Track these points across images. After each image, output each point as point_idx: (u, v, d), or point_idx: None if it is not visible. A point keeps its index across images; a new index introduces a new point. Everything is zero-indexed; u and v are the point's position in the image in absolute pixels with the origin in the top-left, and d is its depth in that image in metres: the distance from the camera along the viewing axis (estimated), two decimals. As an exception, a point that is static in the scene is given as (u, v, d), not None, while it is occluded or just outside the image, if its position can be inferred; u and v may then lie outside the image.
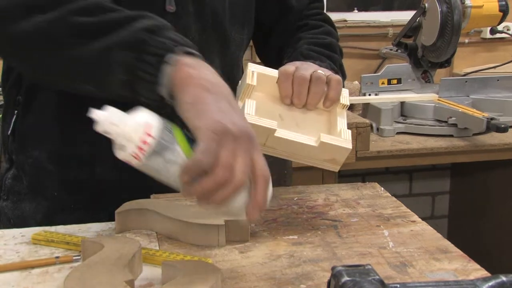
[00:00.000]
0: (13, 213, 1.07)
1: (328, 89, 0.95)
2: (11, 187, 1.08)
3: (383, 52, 2.50)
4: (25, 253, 0.85)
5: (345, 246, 0.87)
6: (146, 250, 0.83)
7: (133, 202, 0.95)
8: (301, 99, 0.94)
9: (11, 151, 1.08)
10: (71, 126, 1.03)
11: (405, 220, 0.97)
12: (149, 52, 0.76)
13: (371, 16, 2.68)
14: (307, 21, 1.18)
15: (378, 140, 1.92)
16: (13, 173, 1.08)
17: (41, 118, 1.04)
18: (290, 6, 1.18)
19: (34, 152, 1.05)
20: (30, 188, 1.07)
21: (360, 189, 1.11)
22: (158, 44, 0.77)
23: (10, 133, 1.06)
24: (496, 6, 2.09)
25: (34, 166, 1.05)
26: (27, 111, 1.04)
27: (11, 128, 1.06)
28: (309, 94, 0.94)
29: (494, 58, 2.66)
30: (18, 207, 1.07)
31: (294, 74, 0.94)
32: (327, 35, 1.14)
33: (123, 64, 0.78)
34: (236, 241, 0.88)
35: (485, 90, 2.15)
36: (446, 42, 2.03)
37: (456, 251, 0.86)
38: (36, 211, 1.06)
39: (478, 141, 1.91)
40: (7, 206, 1.08)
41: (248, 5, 1.13)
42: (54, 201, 1.05)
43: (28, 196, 1.07)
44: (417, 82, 2.19)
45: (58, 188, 1.05)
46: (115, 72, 0.78)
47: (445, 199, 2.81)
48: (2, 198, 1.09)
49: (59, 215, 1.02)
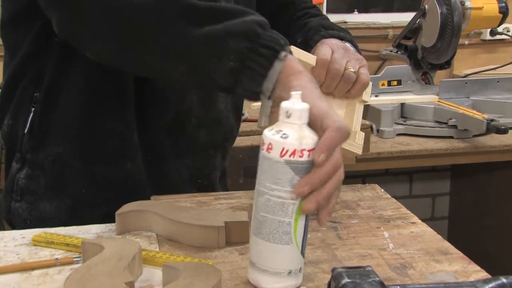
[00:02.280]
0: (31, 214, 1.04)
1: (353, 85, 1.00)
2: (26, 187, 1.05)
3: (383, 53, 2.50)
4: (25, 255, 0.85)
5: (345, 248, 0.87)
6: (146, 252, 0.83)
7: (133, 203, 0.95)
8: (329, 89, 1.00)
9: (26, 150, 1.04)
10: (99, 120, 1.02)
11: (405, 221, 0.97)
12: (263, 45, 0.79)
13: (371, 17, 2.68)
14: (306, 11, 1.22)
15: (378, 142, 1.92)
16: (27, 172, 1.05)
17: (67, 114, 1.01)
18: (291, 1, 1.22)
19: (57, 149, 1.02)
20: (49, 187, 1.04)
21: (360, 191, 1.11)
22: (270, 39, 0.80)
23: (27, 131, 1.03)
24: (496, 8, 2.09)
25: (57, 164, 1.03)
26: (48, 106, 1.01)
27: (28, 126, 1.02)
28: (336, 88, 1.00)
29: (494, 59, 2.66)
30: (36, 207, 1.04)
31: (329, 65, 0.98)
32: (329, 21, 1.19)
33: (237, 52, 0.79)
34: (236, 243, 0.88)
35: (485, 92, 2.15)
36: (446, 43, 2.03)
37: (456, 252, 0.86)
38: (59, 210, 1.03)
39: (478, 142, 1.91)
40: (21, 207, 1.05)
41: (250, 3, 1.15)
42: (81, 198, 1.04)
43: (47, 195, 1.04)
44: (417, 83, 2.19)
45: (85, 185, 1.04)
46: (225, 59, 0.79)
47: (445, 201, 2.81)
48: (15, 199, 1.06)
49: (86, 211, 1.01)
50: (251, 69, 0.79)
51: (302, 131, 0.72)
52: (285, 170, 0.71)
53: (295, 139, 0.71)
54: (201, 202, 1.04)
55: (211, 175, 1.16)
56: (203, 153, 1.12)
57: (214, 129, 1.12)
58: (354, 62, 1.00)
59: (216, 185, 1.18)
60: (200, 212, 0.92)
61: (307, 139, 0.71)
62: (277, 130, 0.72)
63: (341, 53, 1.00)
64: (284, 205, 0.72)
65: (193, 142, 1.09)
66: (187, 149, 1.09)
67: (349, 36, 1.10)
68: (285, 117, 0.72)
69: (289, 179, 0.71)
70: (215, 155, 1.15)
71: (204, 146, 1.11)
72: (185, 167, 1.10)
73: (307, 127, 0.73)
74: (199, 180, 1.13)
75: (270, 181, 0.72)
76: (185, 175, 1.10)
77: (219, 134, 1.13)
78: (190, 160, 1.10)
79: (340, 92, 1.01)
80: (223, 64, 0.79)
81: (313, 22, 1.15)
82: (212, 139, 1.12)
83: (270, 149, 0.71)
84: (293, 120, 0.72)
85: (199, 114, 1.08)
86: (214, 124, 1.12)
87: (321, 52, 1.00)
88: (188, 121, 1.08)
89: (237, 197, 1.07)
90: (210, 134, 1.11)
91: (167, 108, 1.05)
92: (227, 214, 0.92)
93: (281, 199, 0.72)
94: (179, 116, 1.06)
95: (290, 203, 0.72)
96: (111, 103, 1.02)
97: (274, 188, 0.72)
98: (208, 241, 0.87)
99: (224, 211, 0.94)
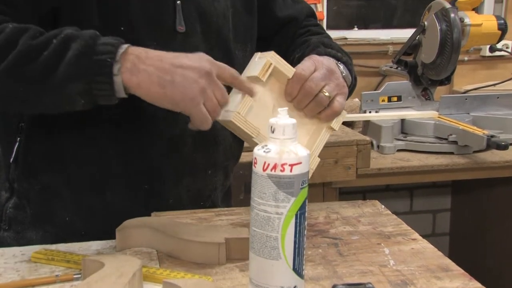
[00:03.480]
0: (18, 243, 1.04)
1: (324, 109, 0.98)
2: (14, 216, 1.06)
3: (383, 69, 2.51)
4: (25, 272, 0.85)
5: (346, 264, 0.87)
6: (146, 268, 0.83)
7: (133, 220, 0.95)
8: (299, 106, 0.98)
9: (13, 180, 1.06)
10: (81, 149, 1.02)
11: (406, 238, 0.97)
12: (96, 73, 0.85)
13: (371, 33, 2.70)
14: (308, 28, 1.21)
15: (378, 157, 1.92)
16: (15, 202, 1.06)
17: (51, 143, 1.02)
18: (291, 18, 1.22)
19: (43, 178, 1.03)
20: (34, 217, 1.05)
21: (361, 207, 1.11)
22: (99, 63, 0.85)
23: (12, 161, 1.04)
24: (495, 25, 2.10)
25: (43, 193, 1.04)
26: (31, 137, 1.03)
27: (14, 155, 1.04)
28: (307, 106, 0.98)
29: (494, 75, 2.67)
30: (22, 236, 1.05)
31: (306, 82, 0.96)
32: (331, 40, 1.17)
33: (80, 93, 0.87)
34: (236, 259, 0.88)
35: (485, 108, 2.15)
36: (445, 59, 2.04)
37: (457, 269, 0.86)
38: (44, 239, 1.04)
39: (478, 158, 1.91)
40: (10, 236, 1.07)
41: (251, 23, 1.15)
42: (65, 227, 1.04)
43: (33, 225, 1.05)
44: (417, 99, 2.19)
45: (71, 213, 1.04)
46: (76, 101, 0.88)
47: (446, 217, 2.80)
48: (3, 228, 1.07)
49: (70, 240, 1.00)
50: (100, 95, 0.87)
51: (285, 146, 0.73)
52: (268, 184, 0.72)
53: (276, 153, 0.72)
54: (201, 218, 1.04)
55: (213, 196, 1.14)
56: (202, 174, 1.10)
57: (211, 149, 1.10)
58: (333, 87, 0.97)
59: (218, 205, 1.16)
60: (201, 229, 0.92)
61: (289, 153, 0.72)
62: (263, 145, 0.74)
63: (322, 73, 0.97)
64: (270, 220, 0.73)
65: (191, 163, 1.08)
66: (185, 171, 1.07)
67: (347, 59, 1.07)
68: (270, 132, 0.74)
69: (273, 193, 0.72)
70: (215, 175, 1.13)
71: (202, 167, 1.10)
72: (185, 189, 1.08)
73: (293, 142, 0.74)
74: (201, 202, 1.11)
75: (257, 195, 0.73)
76: (185, 198, 1.09)
77: (217, 153, 1.11)
78: (189, 181, 1.08)
79: (310, 112, 0.99)
80: (77, 103, 0.88)
81: (314, 39, 1.14)
82: (210, 159, 1.10)
83: (256, 164, 0.73)
84: (276, 135, 0.73)
85: (195, 135, 1.06)
86: (212, 144, 1.10)
87: (302, 66, 0.97)
88: (183, 143, 1.06)
89: (237, 213, 1.07)
90: (208, 154, 1.10)
91: (160, 133, 1.03)
92: (227, 230, 0.92)
93: (267, 213, 0.73)
94: (173, 139, 1.05)
95: (275, 218, 0.73)
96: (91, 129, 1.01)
97: (260, 203, 0.73)
98: (209, 257, 0.87)
99: (224, 228, 0.94)
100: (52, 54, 0.86)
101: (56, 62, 0.85)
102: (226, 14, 1.09)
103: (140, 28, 0.98)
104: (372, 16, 2.81)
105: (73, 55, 0.85)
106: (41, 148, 1.03)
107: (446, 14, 2.02)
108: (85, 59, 0.85)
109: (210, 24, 1.06)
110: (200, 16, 1.05)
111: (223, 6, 1.08)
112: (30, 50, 0.86)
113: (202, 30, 1.05)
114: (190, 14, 1.03)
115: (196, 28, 1.04)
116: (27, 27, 0.88)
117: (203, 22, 1.05)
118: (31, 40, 0.86)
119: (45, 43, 0.86)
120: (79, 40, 0.86)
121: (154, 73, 0.86)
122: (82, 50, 0.85)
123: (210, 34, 1.06)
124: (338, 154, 1.76)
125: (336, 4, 2.70)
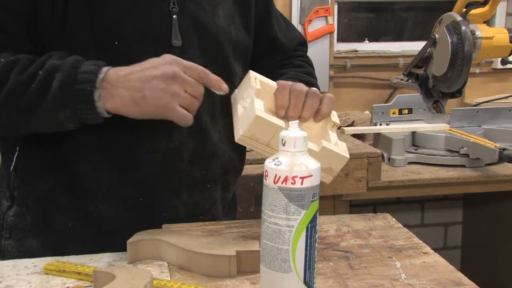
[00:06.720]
0: (19, 251, 1.06)
1: (321, 104, 1.00)
2: (14, 224, 1.07)
3: (394, 82, 2.51)
4: (37, 284, 0.86)
5: (357, 278, 0.87)
6: (157, 281, 0.83)
7: (144, 232, 0.95)
8: (296, 111, 0.98)
9: (13, 188, 1.07)
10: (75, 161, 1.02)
11: (417, 251, 0.96)
12: (78, 102, 0.91)
13: (382, 46, 2.70)
14: (291, 60, 1.22)
15: (389, 170, 1.91)
16: (15, 210, 1.07)
17: (46, 152, 1.03)
18: (280, 44, 1.22)
19: (41, 185, 1.04)
20: (34, 224, 1.06)
21: (372, 220, 1.10)
22: (80, 93, 0.91)
23: (12, 169, 1.05)
24: (507, 37, 2.10)
25: (41, 200, 1.04)
26: (29, 145, 1.04)
27: (13, 164, 1.05)
28: (304, 107, 0.99)
29: (506, 88, 2.66)
30: (23, 244, 1.06)
31: (291, 87, 0.99)
32: (308, 75, 1.19)
33: (68, 119, 0.93)
34: (247, 272, 0.88)
35: (497, 120, 2.15)
36: (457, 72, 2.04)
37: (469, 283, 0.85)
38: (45, 246, 1.05)
39: (490, 171, 1.90)
40: (11, 244, 1.07)
41: (248, 41, 1.16)
42: (66, 233, 1.05)
43: (33, 233, 1.06)
44: (428, 112, 2.19)
45: (70, 220, 1.05)
46: (65, 125, 0.95)
47: (458, 230, 2.78)
48: (4, 236, 1.08)
49: (71, 246, 1.01)
50: (86, 119, 0.94)
51: (296, 159, 0.73)
52: (279, 197, 0.72)
53: (287, 165, 0.72)
54: (212, 230, 1.04)
55: (213, 209, 1.13)
56: (199, 188, 1.09)
57: (209, 162, 1.09)
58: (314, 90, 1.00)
59: (220, 218, 1.15)
60: (211, 241, 0.92)
61: (300, 166, 0.72)
62: (274, 158, 0.74)
63: (300, 83, 1.01)
64: (281, 232, 0.73)
65: (188, 178, 1.07)
66: (182, 185, 1.07)
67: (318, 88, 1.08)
68: (281, 145, 0.74)
69: (284, 206, 0.72)
70: (214, 188, 1.12)
71: (200, 181, 1.09)
72: (182, 203, 1.07)
73: (304, 155, 0.74)
74: (200, 216, 1.11)
75: (268, 208, 0.74)
76: (183, 211, 1.08)
77: (215, 167, 1.10)
78: (186, 195, 1.08)
79: (309, 111, 0.98)
80: (67, 127, 0.95)
81: (290, 73, 1.15)
82: (208, 173, 1.09)
83: (267, 176, 0.73)
84: (287, 148, 0.74)
85: (191, 149, 1.06)
86: (209, 158, 1.09)
87: (281, 80, 1.01)
88: (180, 158, 1.05)
89: (248, 226, 1.07)
90: (206, 168, 1.09)
91: (154, 146, 1.03)
92: (238, 243, 0.92)
93: (278, 226, 0.73)
94: (169, 154, 1.04)
95: (286, 230, 0.73)
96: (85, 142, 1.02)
97: (271, 215, 0.73)
98: (219, 270, 0.87)
99: (235, 240, 0.94)
100: (39, 86, 0.92)
101: (43, 94, 0.92)
102: (227, 29, 1.09)
103: (135, 43, 0.98)
104: (382, 29, 2.82)
105: (56, 86, 0.91)
106: (38, 156, 1.04)
107: (457, 27, 2.02)
108: (68, 89, 0.91)
109: (209, 39, 1.06)
110: (197, 31, 1.04)
111: (223, 22, 1.08)
112: (20, 84, 0.92)
113: (200, 45, 1.05)
114: (186, 28, 1.03)
115: (193, 42, 1.04)
116: (17, 59, 0.94)
117: (201, 36, 1.05)
118: (19, 75, 0.92)
119: (31, 76, 0.93)
120: (61, 72, 0.92)
121: (125, 95, 0.92)
122: (64, 80, 0.91)
123: (208, 49, 1.06)
124: (348, 166, 1.76)
125: (346, 17, 2.71)
